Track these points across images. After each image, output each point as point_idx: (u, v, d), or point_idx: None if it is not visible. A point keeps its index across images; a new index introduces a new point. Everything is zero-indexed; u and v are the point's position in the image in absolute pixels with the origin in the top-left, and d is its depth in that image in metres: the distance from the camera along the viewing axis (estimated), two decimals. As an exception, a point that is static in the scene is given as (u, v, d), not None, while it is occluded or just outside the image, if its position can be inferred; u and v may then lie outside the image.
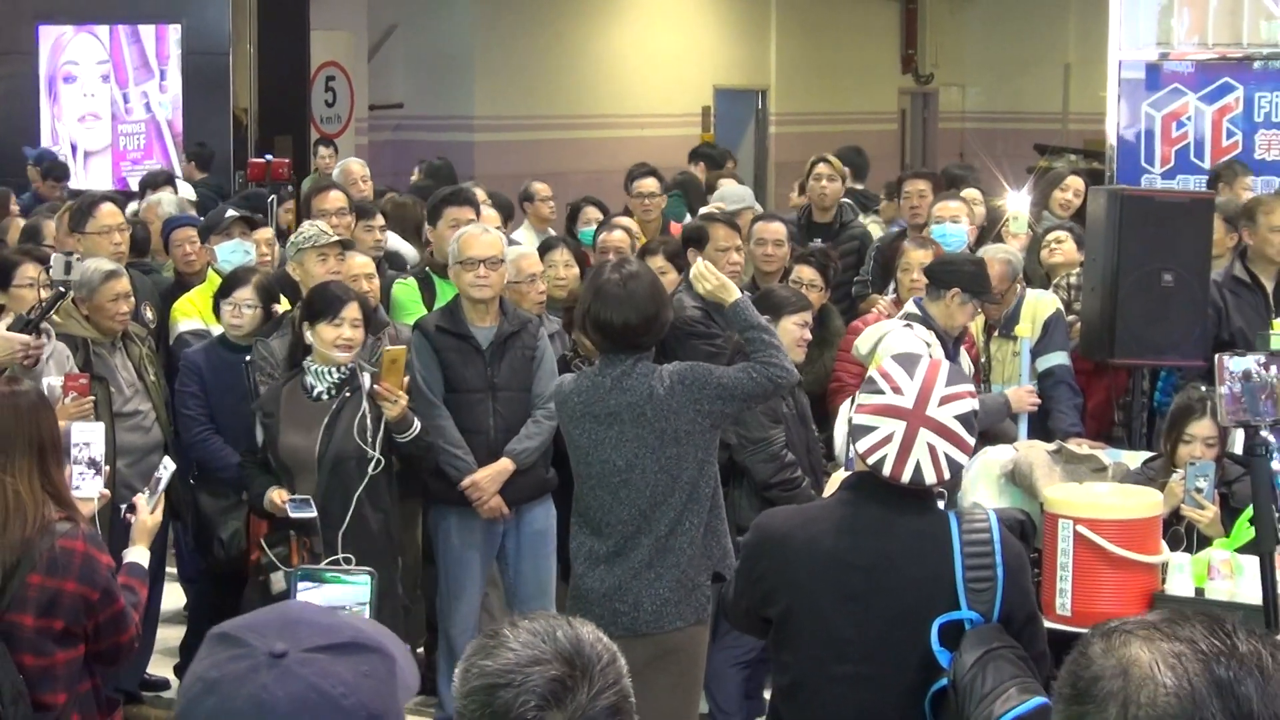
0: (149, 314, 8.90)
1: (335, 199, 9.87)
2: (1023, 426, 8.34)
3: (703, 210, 10.75)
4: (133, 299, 8.29)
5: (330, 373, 7.38)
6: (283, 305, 8.51)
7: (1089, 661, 2.21)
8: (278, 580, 7.20)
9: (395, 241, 10.74)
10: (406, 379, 7.52)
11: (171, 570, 8.85)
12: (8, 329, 7.56)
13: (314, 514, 7.17)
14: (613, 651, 2.60)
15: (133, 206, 11.44)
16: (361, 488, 7.32)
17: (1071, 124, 25.66)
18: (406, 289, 9.19)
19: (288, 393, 7.46)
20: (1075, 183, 11.69)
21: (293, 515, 7.18)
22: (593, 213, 11.47)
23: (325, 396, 7.40)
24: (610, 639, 2.63)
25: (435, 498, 8.08)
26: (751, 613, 4.92)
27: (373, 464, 7.34)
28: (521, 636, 2.55)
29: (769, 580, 4.81)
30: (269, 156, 11.51)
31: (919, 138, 27.89)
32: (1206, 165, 13.56)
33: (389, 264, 10.01)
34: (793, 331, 7.85)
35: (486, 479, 7.88)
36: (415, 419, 7.44)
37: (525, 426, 7.97)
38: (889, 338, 8.09)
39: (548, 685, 2.48)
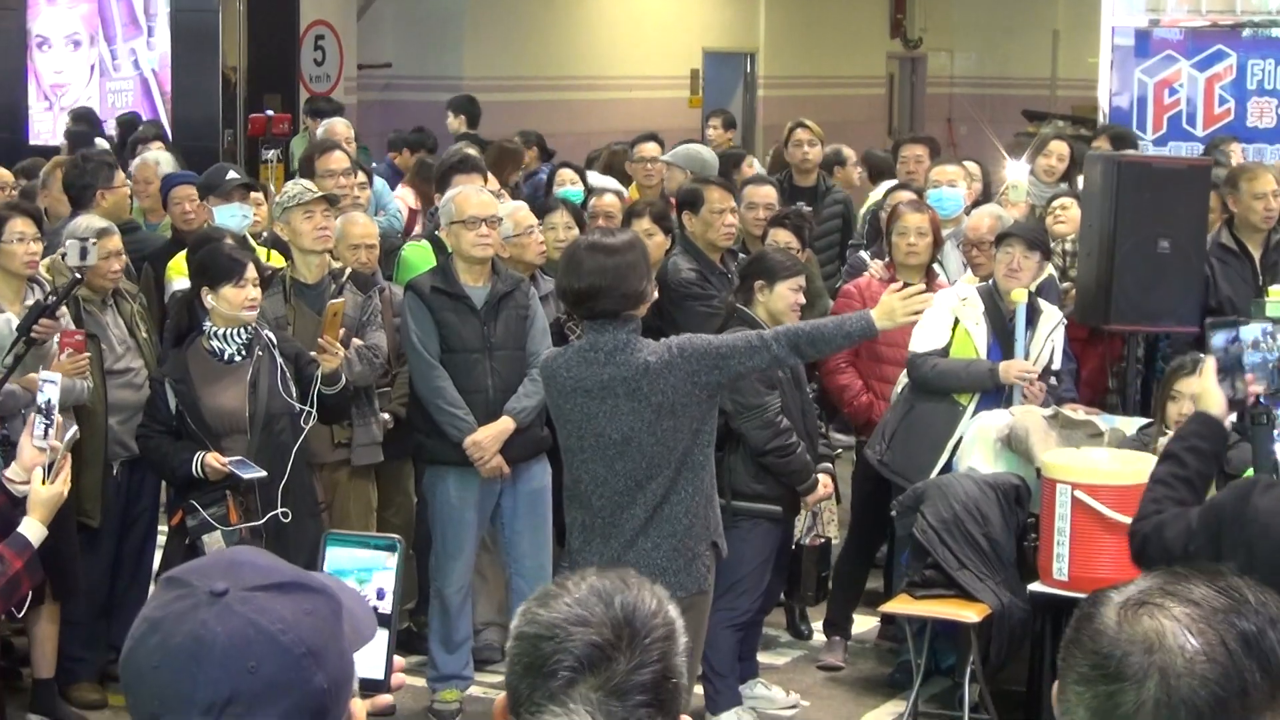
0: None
1: (339, 159, 9.75)
2: (1016, 394, 8.30)
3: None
4: (124, 256, 8.26)
5: (238, 334, 7.36)
6: (278, 262, 8.50)
7: (1108, 639, 2.17)
8: (213, 540, 7.15)
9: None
10: (343, 331, 7.55)
11: (164, 529, 8.81)
12: (26, 314, 7.54)
13: (263, 473, 7.15)
14: (670, 626, 2.56)
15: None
16: (298, 444, 7.33)
17: (1060, 90, 25.64)
18: (419, 250, 9.16)
19: (194, 357, 7.41)
20: (1058, 148, 11.66)
21: (245, 476, 7.13)
22: (567, 174, 11.41)
23: (238, 358, 7.37)
24: None
25: (432, 458, 8.06)
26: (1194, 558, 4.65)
27: (303, 418, 7.36)
28: (581, 592, 2.53)
29: (1228, 537, 4.61)
30: (270, 112, 11.47)
31: (907, 103, 27.83)
32: (1199, 132, 13.57)
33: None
34: (787, 296, 7.83)
35: (488, 439, 7.86)
36: (343, 373, 7.46)
37: (523, 385, 7.95)
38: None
39: (586, 649, 2.47)
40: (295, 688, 2.12)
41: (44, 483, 5.43)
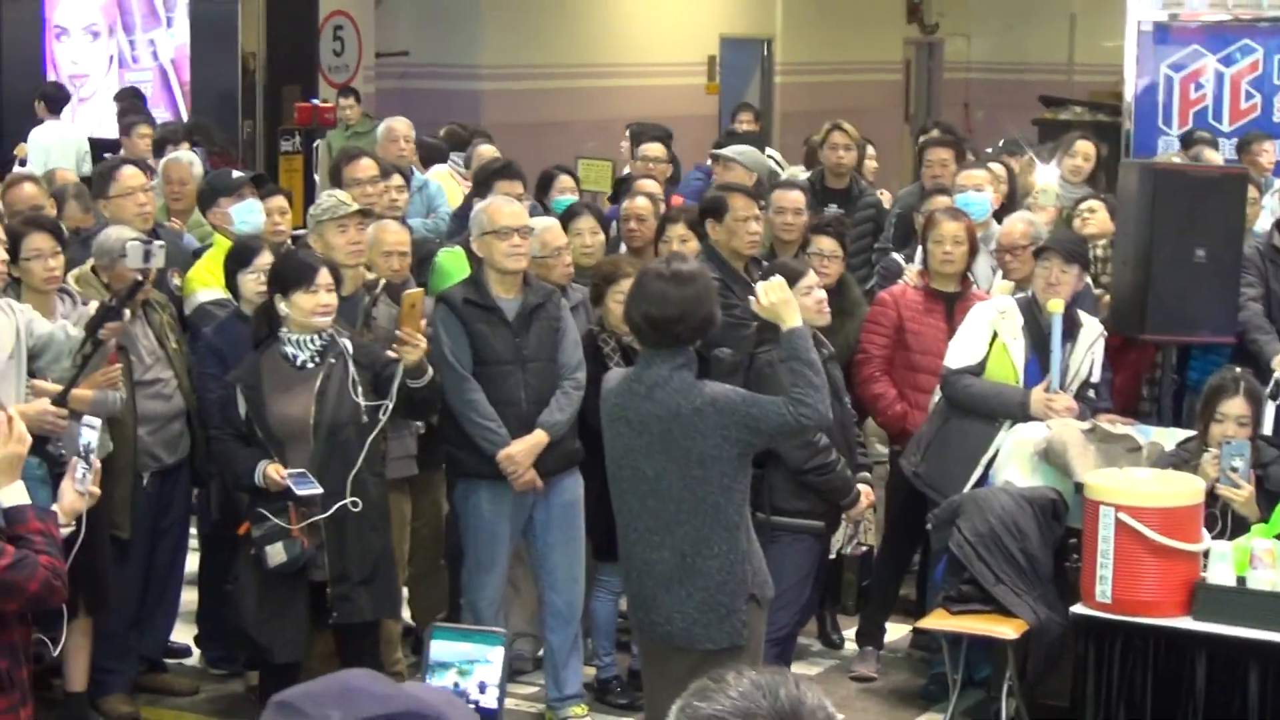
0: (176, 280, 8.76)
1: (367, 167, 9.65)
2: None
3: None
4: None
5: (312, 340, 7.32)
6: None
7: None
8: (275, 553, 7.14)
9: None
10: (424, 322, 7.48)
11: (195, 536, 8.78)
12: (92, 316, 7.46)
13: (319, 490, 7.11)
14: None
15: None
16: (371, 438, 7.26)
17: (1077, 75, 25.56)
18: (454, 257, 9.07)
19: (267, 363, 7.36)
20: (1084, 148, 11.56)
21: (300, 493, 7.09)
22: (566, 181, 10.82)
23: (310, 364, 7.32)
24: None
25: (464, 471, 8.01)
26: None
27: (380, 411, 7.28)
28: (743, 685, 2.46)
29: None
30: (315, 100, 11.36)
31: (924, 88, 27.74)
32: (1225, 128, 13.49)
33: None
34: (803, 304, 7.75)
35: (522, 452, 7.81)
36: (429, 365, 7.40)
37: (555, 398, 7.90)
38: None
39: None
40: None
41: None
